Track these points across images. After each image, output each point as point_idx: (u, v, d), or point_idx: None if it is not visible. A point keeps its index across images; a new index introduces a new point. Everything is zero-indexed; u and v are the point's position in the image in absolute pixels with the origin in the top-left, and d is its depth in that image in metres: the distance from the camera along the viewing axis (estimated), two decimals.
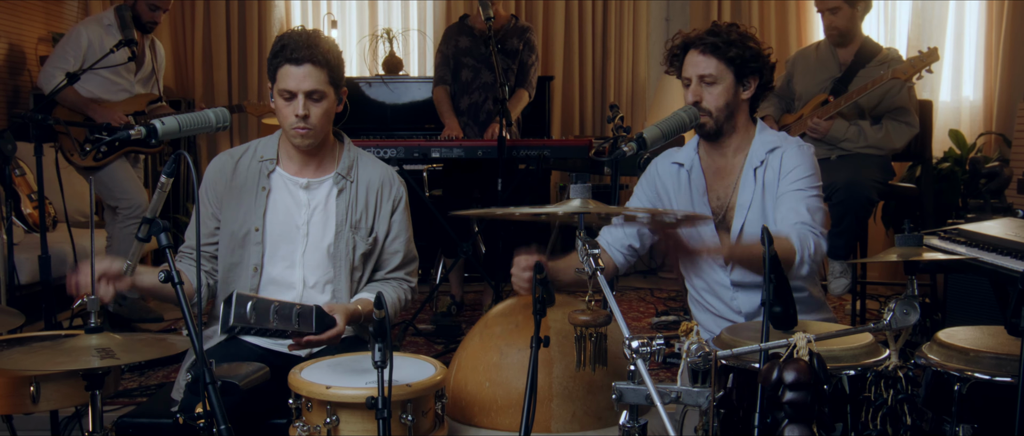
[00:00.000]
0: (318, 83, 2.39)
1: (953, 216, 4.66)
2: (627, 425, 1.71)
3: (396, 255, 2.59)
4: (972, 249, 2.53)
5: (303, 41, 2.40)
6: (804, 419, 1.60)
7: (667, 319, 4.53)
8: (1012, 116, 5.05)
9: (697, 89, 2.47)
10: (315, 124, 2.43)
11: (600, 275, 1.78)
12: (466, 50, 4.47)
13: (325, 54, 2.40)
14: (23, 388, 2.08)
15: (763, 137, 2.52)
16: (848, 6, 3.92)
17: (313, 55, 2.38)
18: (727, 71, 2.44)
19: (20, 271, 3.99)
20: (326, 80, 2.41)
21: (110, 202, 4.46)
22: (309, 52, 2.38)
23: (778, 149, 2.48)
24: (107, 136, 2.14)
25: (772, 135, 2.53)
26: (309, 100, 2.40)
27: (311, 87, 2.39)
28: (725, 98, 2.45)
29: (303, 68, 2.38)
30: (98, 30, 4.30)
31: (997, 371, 1.83)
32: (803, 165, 2.44)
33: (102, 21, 4.35)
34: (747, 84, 2.48)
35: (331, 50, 2.43)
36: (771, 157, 2.47)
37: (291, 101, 2.40)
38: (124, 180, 4.39)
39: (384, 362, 1.77)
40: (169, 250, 1.85)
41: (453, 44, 4.51)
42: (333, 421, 1.94)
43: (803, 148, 2.49)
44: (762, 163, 2.48)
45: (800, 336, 1.72)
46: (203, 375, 1.73)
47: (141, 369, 3.71)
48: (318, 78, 2.39)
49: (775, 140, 2.51)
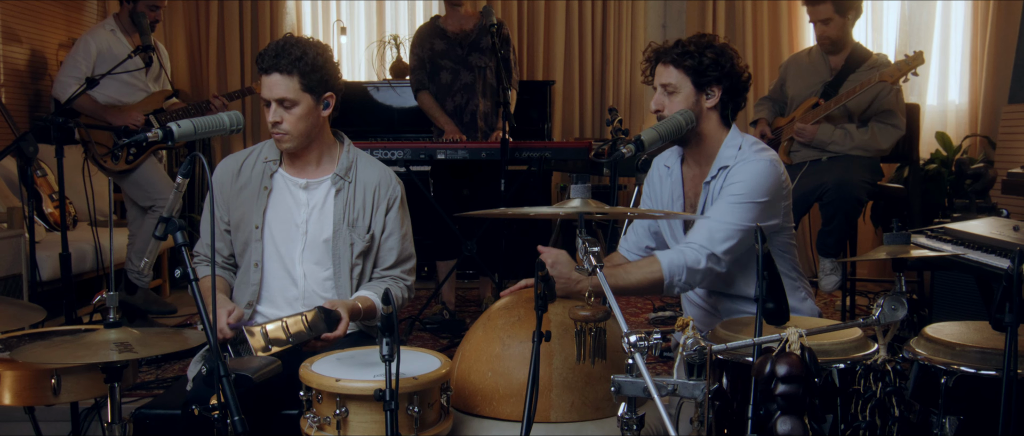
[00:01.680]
0: (287, 91, 2.40)
1: (939, 215, 4.65)
2: (625, 416, 1.71)
3: (391, 252, 2.59)
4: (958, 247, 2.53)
5: (272, 51, 2.41)
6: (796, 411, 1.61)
7: (664, 315, 4.53)
8: (996, 119, 5.05)
9: (660, 98, 2.49)
10: (289, 129, 2.43)
11: (600, 272, 1.78)
12: (442, 53, 4.33)
13: (295, 62, 2.39)
14: (44, 381, 2.09)
15: (726, 151, 2.47)
16: (840, 16, 3.93)
17: (279, 64, 2.39)
18: (685, 79, 2.44)
19: (42, 268, 4.00)
20: (297, 87, 2.40)
21: (144, 203, 4.41)
22: (275, 62, 2.39)
23: (727, 167, 2.44)
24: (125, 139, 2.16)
25: (734, 149, 2.47)
26: (280, 107, 2.42)
27: (280, 95, 2.40)
28: (685, 105, 2.44)
29: (272, 77, 2.40)
30: (105, 36, 4.30)
31: (982, 365, 1.83)
32: (743, 181, 2.39)
33: (106, 27, 4.35)
34: (710, 92, 2.45)
35: (305, 57, 2.40)
36: (722, 173, 2.45)
37: (269, 108, 2.43)
38: (157, 180, 4.37)
39: (392, 356, 1.77)
40: (185, 248, 1.86)
41: (428, 47, 4.36)
42: (342, 412, 1.94)
43: (753, 163, 2.42)
44: (713, 178, 2.47)
45: (792, 331, 1.72)
46: (217, 368, 1.73)
47: (158, 362, 3.71)
48: (287, 86, 2.39)
49: (732, 156, 2.45)
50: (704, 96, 2.46)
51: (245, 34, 6.18)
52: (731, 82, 2.46)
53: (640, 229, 2.72)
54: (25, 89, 5.19)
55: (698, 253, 2.35)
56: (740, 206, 2.38)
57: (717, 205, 2.41)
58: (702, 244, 2.36)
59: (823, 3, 3.92)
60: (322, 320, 2.30)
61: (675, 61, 2.44)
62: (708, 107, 2.47)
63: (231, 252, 2.59)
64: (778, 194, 2.44)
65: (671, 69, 2.45)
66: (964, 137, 5.31)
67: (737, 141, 2.48)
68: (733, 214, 2.37)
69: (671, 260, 2.34)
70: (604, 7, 6.20)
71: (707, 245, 2.35)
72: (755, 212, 2.38)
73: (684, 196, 2.59)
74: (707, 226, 2.38)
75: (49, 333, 2.37)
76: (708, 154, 2.51)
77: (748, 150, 2.46)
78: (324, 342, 2.31)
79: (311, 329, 2.27)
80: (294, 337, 2.24)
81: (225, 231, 2.57)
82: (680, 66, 2.44)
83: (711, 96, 2.46)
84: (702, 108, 2.47)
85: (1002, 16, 5.15)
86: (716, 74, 2.44)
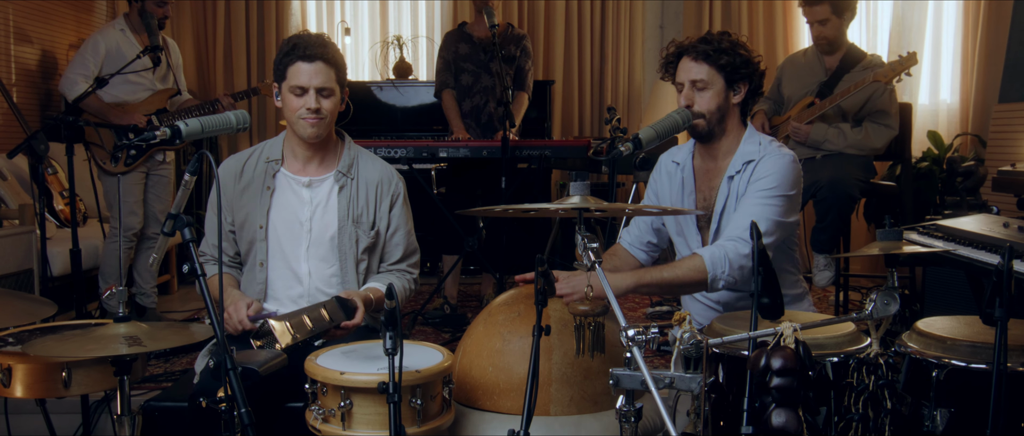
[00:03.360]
0: (328, 80, 2.42)
1: (931, 212, 4.65)
2: (623, 409, 1.71)
3: (397, 247, 2.60)
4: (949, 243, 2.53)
5: (316, 40, 2.44)
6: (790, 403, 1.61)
7: (661, 310, 4.53)
8: (987, 118, 5.04)
9: (689, 93, 2.45)
10: (326, 116, 2.45)
11: (598, 268, 1.78)
12: (466, 56, 4.44)
13: (334, 55, 2.45)
14: (55, 373, 2.09)
15: (747, 146, 2.47)
16: (837, 17, 3.93)
17: (325, 54, 2.42)
18: (718, 76, 2.42)
19: (53, 264, 4.00)
20: (334, 79, 2.44)
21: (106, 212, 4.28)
22: (322, 51, 2.41)
23: (753, 162, 2.43)
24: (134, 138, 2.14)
25: (755, 145, 2.46)
26: (319, 96, 2.42)
27: (322, 83, 2.41)
28: (716, 102, 2.43)
29: (315, 65, 2.41)
30: (114, 35, 4.23)
31: (973, 358, 1.83)
32: (772, 175, 2.39)
33: (115, 26, 4.28)
34: (737, 89, 2.45)
35: (338, 53, 2.48)
36: (747, 167, 2.44)
37: (302, 96, 2.42)
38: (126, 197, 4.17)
39: (395, 349, 1.77)
40: (192, 244, 1.86)
41: (453, 50, 4.48)
42: (347, 405, 1.95)
43: (779, 158, 2.42)
44: (738, 172, 2.46)
45: (787, 325, 1.72)
46: (225, 361, 1.73)
47: (166, 356, 3.72)
48: (328, 75, 2.42)
49: (756, 151, 2.45)
50: (732, 92, 2.45)
51: (251, 34, 6.18)
52: (757, 80, 2.47)
53: (643, 224, 2.71)
54: (36, 89, 5.18)
55: (741, 247, 2.31)
56: (774, 200, 2.37)
57: (748, 200, 2.39)
58: (745, 238, 2.31)
59: (821, 4, 3.92)
60: (340, 309, 2.31)
61: (708, 58, 2.41)
62: (734, 103, 2.46)
63: (237, 251, 2.59)
64: (799, 189, 2.45)
65: (703, 65, 2.42)
66: (955, 136, 5.31)
67: (756, 137, 2.48)
68: (767, 209, 2.36)
69: (713, 255, 2.31)
70: (603, 8, 6.20)
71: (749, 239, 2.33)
72: (783, 206, 2.38)
73: (697, 191, 2.56)
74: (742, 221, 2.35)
75: (60, 327, 2.37)
76: (726, 150, 2.49)
77: (768, 145, 2.46)
78: (343, 330, 2.31)
79: (331, 318, 2.28)
80: (316, 325, 2.25)
81: (230, 232, 2.56)
82: (714, 63, 2.41)
83: (738, 93, 2.45)
84: (730, 104, 2.46)
85: (992, 17, 5.14)
86: (747, 71, 2.43)
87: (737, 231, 2.35)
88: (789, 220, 2.42)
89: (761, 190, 2.38)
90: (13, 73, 4.99)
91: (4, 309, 2.22)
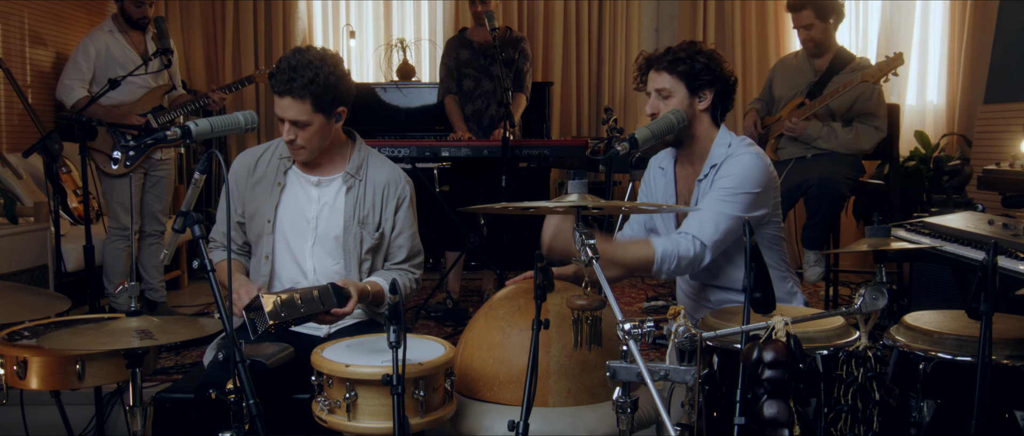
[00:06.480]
0: (299, 114, 2.35)
1: (918, 210, 4.65)
2: (620, 400, 1.71)
3: (401, 249, 2.59)
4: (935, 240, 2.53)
5: (284, 74, 2.33)
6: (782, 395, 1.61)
7: (657, 304, 4.54)
8: (972, 118, 5.04)
9: (655, 102, 2.49)
10: (303, 145, 2.42)
11: (595, 263, 1.78)
12: (467, 62, 4.47)
13: (307, 85, 2.32)
14: (69, 366, 2.09)
15: (716, 150, 2.48)
16: (821, 21, 3.95)
17: (292, 88, 2.32)
18: (679, 84, 2.45)
19: (67, 260, 4.00)
20: (309, 109, 2.35)
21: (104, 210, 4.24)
22: (288, 86, 2.33)
23: (717, 165, 2.44)
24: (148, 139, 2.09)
25: (723, 147, 2.47)
26: (294, 126, 2.39)
27: (293, 117, 2.36)
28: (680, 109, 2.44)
29: (284, 100, 2.35)
30: (103, 37, 4.15)
31: (958, 351, 1.83)
32: (733, 175, 2.40)
33: (103, 29, 4.19)
34: (702, 96, 2.46)
35: (317, 79, 2.33)
36: (713, 170, 2.45)
37: (284, 123, 2.40)
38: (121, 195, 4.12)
39: (398, 342, 1.77)
40: (202, 241, 1.86)
41: (454, 56, 4.51)
42: (352, 396, 1.95)
43: (741, 157, 2.42)
44: (705, 176, 2.47)
45: (778, 319, 1.72)
46: (233, 354, 1.73)
47: (177, 349, 3.72)
48: (299, 109, 2.35)
49: (722, 154, 2.45)
50: (697, 99, 2.46)
51: (259, 35, 6.19)
52: (722, 85, 2.47)
53: (636, 224, 2.74)
54: (50, 90, 5.17)
55: (689, 243, 2.36)
56: (729, 198, 2.39)
57: (707, 198, 2.42)
58: (694, 234, 2.37)
59: (804, 10, 3.95)
60: (332, 294, 2.29)
61: (668, 67, 2.45)
62: (701, 109, 2.47)
63: (245, 241, 2.59)
64: (766, 186, 2.44)
65: (665, 75, 2.46)
66: (942, 135, 5.31)
67: (726, 139, 2.48)
68: (722, 205, 2.38)
69: (665, 247, 2.35)
70: (600, 11, 6.20)
71: (698, 235, 2.36)
72: (743, 203, 2.39)
73: (677, 194, 2.60)
74: (698, 217, 2.39)
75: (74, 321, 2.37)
76: (700, 153, 2.51)
77: (737, 146, 2.46)
78: (333, 316, 2.30)
79: (322, 301, 2.26)
80: (305, 305, 2.22)
81: (239, 223, 2.56)
82: (673, 72, 2.44)
83: (703, 99, 2.47)
84: (695, 110, 2.47)
85: (978, 20, 5.14)
86: (708, 78, 2.45)
87: (691, 227, 2.39)
88: (754, 214, 2.42)
89: (722, 189, 2.40)
90: (28, 75, 4.99)
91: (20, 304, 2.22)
